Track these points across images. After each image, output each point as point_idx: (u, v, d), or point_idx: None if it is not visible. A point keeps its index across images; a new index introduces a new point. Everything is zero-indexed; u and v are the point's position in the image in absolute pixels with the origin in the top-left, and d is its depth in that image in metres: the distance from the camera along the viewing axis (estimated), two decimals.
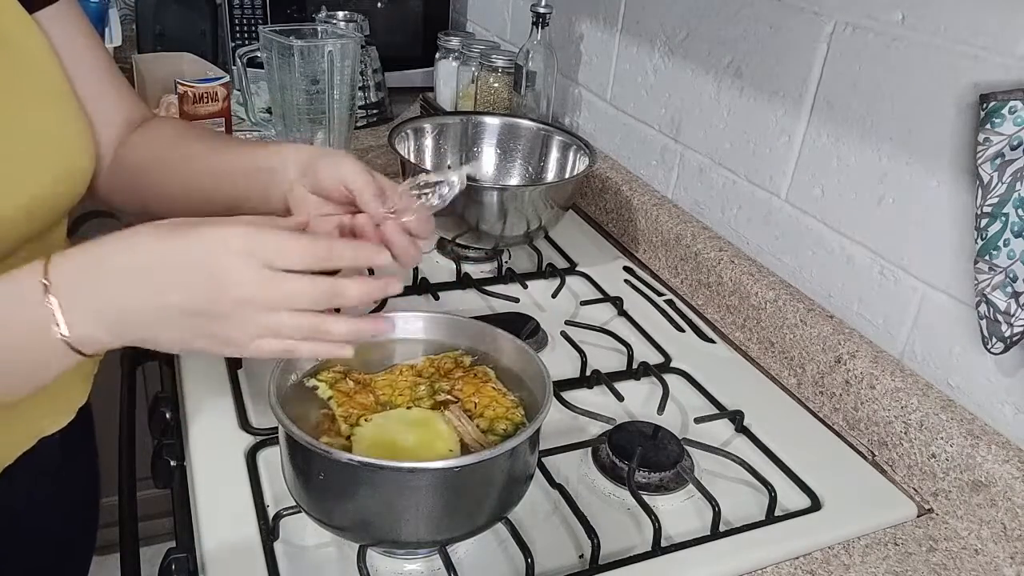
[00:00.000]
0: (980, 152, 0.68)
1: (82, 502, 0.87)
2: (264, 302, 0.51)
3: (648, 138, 1.23)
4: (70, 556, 0.87)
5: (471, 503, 0.59)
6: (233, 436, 0.76)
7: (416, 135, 1.15)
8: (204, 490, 0.70)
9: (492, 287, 1.05)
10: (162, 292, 0.50)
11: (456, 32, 1.59)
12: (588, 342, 0.93)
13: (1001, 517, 0.71)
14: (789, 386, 0.93)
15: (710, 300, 1.05)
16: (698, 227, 1.10)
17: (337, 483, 0.58)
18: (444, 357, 0.71)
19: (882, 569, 0.69)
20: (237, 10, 1.55)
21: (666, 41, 1.16)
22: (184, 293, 0.50)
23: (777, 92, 0.97)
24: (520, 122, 1.19)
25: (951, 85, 0.76)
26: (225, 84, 1.32)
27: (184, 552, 0.63)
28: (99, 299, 0.50)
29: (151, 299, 0.50)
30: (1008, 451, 0.72)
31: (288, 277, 0.51)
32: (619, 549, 0.68)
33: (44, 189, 0.64)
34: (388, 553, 0.65)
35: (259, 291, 0.50)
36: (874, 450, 0.83)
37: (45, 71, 0.66)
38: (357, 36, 1.30)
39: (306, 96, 1.25)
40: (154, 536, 0.89)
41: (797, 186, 0.96)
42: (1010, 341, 0.71)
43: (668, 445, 0.77)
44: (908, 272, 0.84)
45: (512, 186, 1.16)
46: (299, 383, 0.67)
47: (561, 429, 0.80)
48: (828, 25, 0.89)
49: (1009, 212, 0.68)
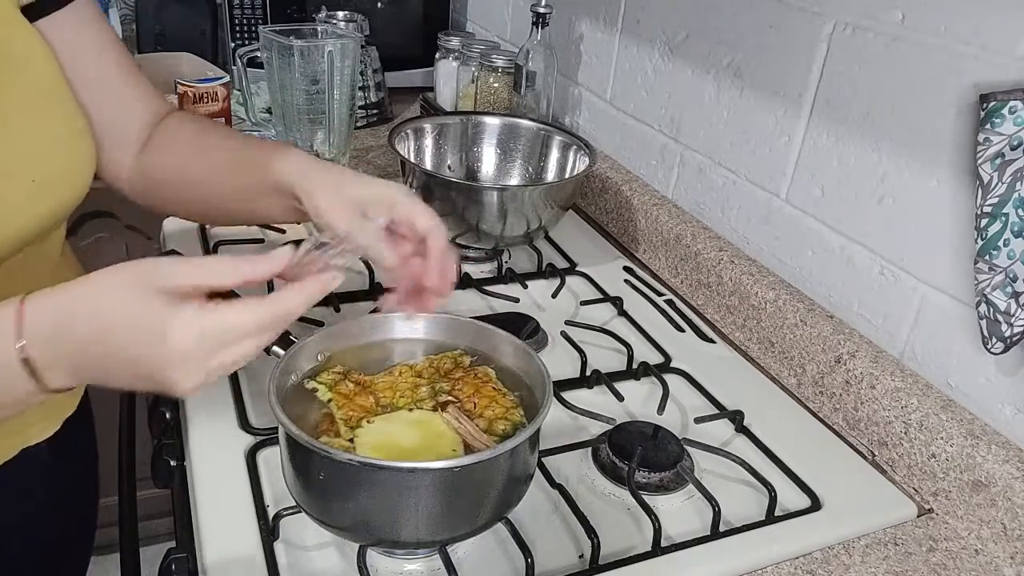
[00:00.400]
0: (980, 152, 0.68)
1: (79, 503, 0.87)
2: (204, 378, 0.53)
3: (648, 138, 1.23)
4: (67, 557, 0.87)
5: (471, 503, 0.59)
6: (233, 436, 0.76)
7: (416, 135, 1.15)
8: (204, 490, 0.70)
9: (492, 287, 1.05)
10: (119, 367, 0.52)
11: (456, 32, 1.59)
12: (588, 342, 0.93)
13: (1001, 517, 0.71)
14: (789, 386, 0.93)
15: (710, 300, 1.05)
16: (698, 227, 1.10)
17: (337, 483, 0.58)
18: (443, 357, 0.71)
19: (882, 569, 0.69)
20: (237, 10, 1.55)
21: (666, 41, 1.16)
22: (134, 379, 0.53)
23: (777, 92, 0.97)
24: (520, 122, 1.19)
25: (951, 85, 0.76)
26: (225, 84, 1.32)
27: (184, 552, 0.63)
28: (70, 359, 0.52)
29: (110, 358, 0.52)
30: (1008, 451, 0.72)
31: (237, 343, 0.53)
32: (619, 549, 0.68)
33: (39, 194, 0.64)
34: (388, 553, 0.65)
35: (201, 376, 0.52)
36: (874, 450, 0.83)
37: (39, 75, 0.66)
38: (357, 36, 1.30)
39: (306, 96, 1.25)
40: (154, 536, 0.89)
41: (797, 186, 0.96)
42: (1010, 341, 0.71)
43: (668, 445, 0.77)
44: (908, 272, 0.84)
45: (512, 186, 1.16)
46: (299, 383, 0.67)
47: (561, 429, 0.80)
48: (828, 25, 0.89)
49: (1009, 212, 0.68)
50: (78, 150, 0.68)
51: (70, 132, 0.67)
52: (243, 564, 0.63)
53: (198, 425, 0.77)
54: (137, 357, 0.51)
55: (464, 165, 1.20)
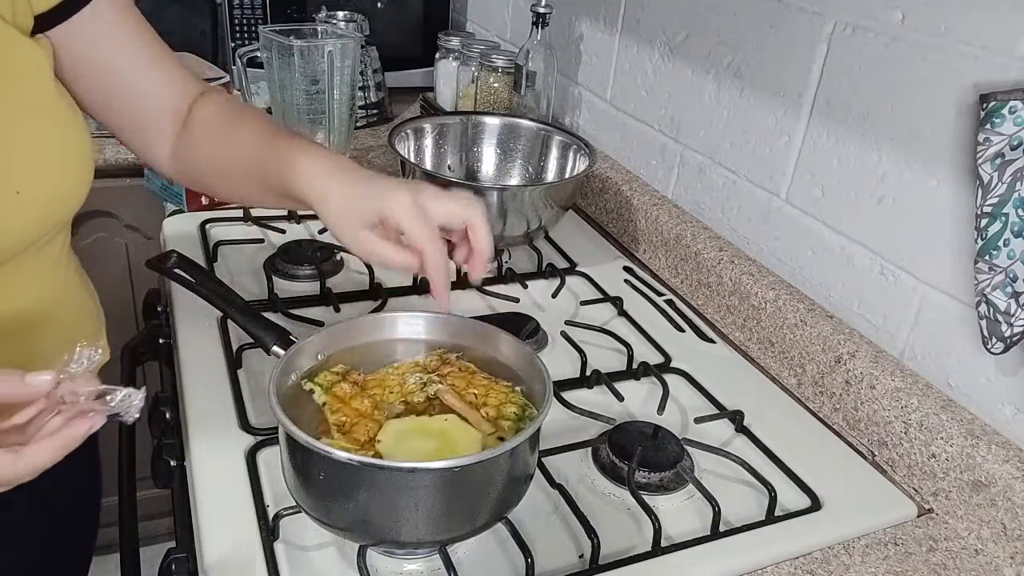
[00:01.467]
0: (980, 152, 0.68)
1: (82, 503, 0.87)
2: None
3: (648, 138, 1.23)
4: (70, 556, 0.87)
5: (471, 503, 0.59)
6: (233, 436, 0.76)
7: (416, 135, 1.15)
8: (204, 490, 0.70)
9: (492, 287, 1.05)
10: None
11: (456, 32, 1.59)
12: (588, 342, 0.93)
13: (1001, 517, 0.71)
14: (789, 386, 0.93)
15: (710, 300, 1.05)
16: (698, 227, 1.10)
17: (337, 483, 0.58)
18: (429, 356, 0.71)
19: (882, 569, 0.69)
20: (237, 10, 1.55)
21: (666, 41, 1.16)
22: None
23: (777, 92, 0.97)
24: (520, 122, 1.19)
25: (951, 85, 0.76)
26: (225, 84, 1.32)
27: (184, 552, 0.63)
28: None
29: None
30: (1008, 451, 0.72)
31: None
32: (619, 549, 0.68)
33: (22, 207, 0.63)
34: (388, 553, 0.65)
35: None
36: (874, 450, 0.83)
37: (29, 90, 0.65)
38: (357, 36, 1.30)
39: (306, 96, 1.25)
40: (154, 536, 0.89)
41: (797, 186, 0.96)
42: (1010, 341, 0.71)
43: (668, 445, 0.77)
44: (908, 272, 0.84)
45: (512, 186, 1.16)
46: (298, 383, 0.67)
47: (561, 429, 0.80)
48: (828, 25, 0.89)
49: (1009, 212, 0.68)
50: (68, 165, 0.67)
51: (60, 147, 0.67)
52: (243, 564, 0.63)
53: (198, 425, 0.77)
54: None
55: (464, 165, 1.20)
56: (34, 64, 0.66)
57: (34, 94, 0.65)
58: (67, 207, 0.69)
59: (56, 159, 0.66)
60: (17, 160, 0.63)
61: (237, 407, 0.79)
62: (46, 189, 0.65)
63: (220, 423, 0.77)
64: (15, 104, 0.64)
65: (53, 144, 0.66)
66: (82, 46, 0.69)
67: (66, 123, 0.68)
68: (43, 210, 0.66)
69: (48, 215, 0.66)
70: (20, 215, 0.63)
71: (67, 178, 0.67)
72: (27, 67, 0.65)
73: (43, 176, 0.65)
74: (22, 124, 0.64)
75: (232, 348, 0.86)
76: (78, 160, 0.68)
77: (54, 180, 0.66)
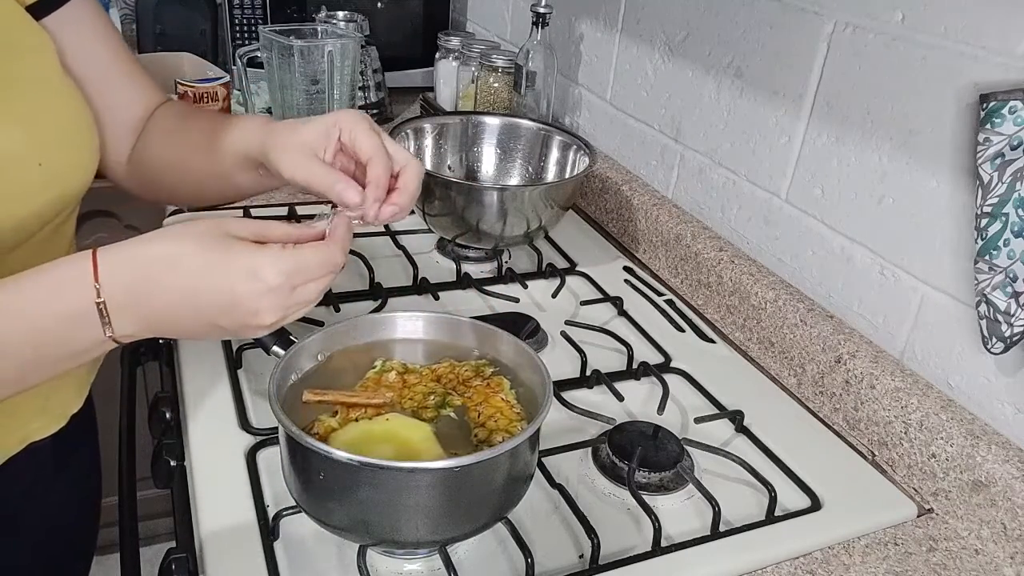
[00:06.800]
0: (980, 152, 0.68)
1: (82, 503, 0.87)
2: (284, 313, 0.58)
3: (648, 138, 1.23)
4: (71, 556, 0.87)
5: (471, 503, 0.59)
6: (233, 436, 0.76)
7: (416, 135, 1.15)
8: (204, 490, 0.70)
9: (492, 287, 1.05)
10: (200, 311, 0.56)
11: (456, 32, 1.59)
12: (588, 342, 0.93)
13: (1001, 517, 0.71)
14: (789, 386, 0.93)
15: (710, 300, 1.05)
16: (698, 227, 1.10)
17: (337, 483, 0.58)
18: (465, 365, 0.70)
19: (882, 569, 0.69)
20: (237, 10, 1.55)
21: (666, 41, 1.16)
22: (219, 316, 0.56)
23: (777, 92, 0.97)
24: (520, 122, 1.19)
25: (951, 85, 0.76)
26: (225, 84, 1.32)
27: (184, 552, 0.63)
28: (145, 310, 0.55)
29: (189, 315, 0.56)
30: (1008, 451, 0.72)
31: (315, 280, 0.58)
32: (619, 549, 0.68)
33: (47, 179, 0.64)
34: (388, 553, 0.65)
35: (283, 311, 0.57)
36: (874, 450, 0.83)
37: (45, 67, 0.67)
38: (357, 36, 1.30)
39: (306, 96, 1.25)
40: (154, 536, 0.89)
41: (797, 186, 0.96)
42: (1010, 341, 0.71)
43: (668, 445, 0.77)
44: (908, 272, 0.84)
45: (512, 186, 1.16)
46: (297, 384, 0.67)
47: (561, 429, 0.80)
48: (828, 25, 0.89)
49: (1009, 212, 0.68)
50: (83, 139, 0.69)
51: (75, 122, 0.68)
52: (243, 564, 0.63)
53: (198, 425, 0.77)
54: (222, 298, 0.54)
55: (464, 165, 1.20)
56: (49, 45, 0.67)
57: (50, 70, 0.67)
58: (82, 181, 0.70)
59: (72, 133, 0.68)
60: (40, 133, 0.64)
61: (237, 407, 0.79)
62: (66, 162, 0.66)
63: (220, 423, 0.77)
64: (35, 81, 0.65)
65: (70, 120, 0.68)
66: (61, 43, 0.70)
67: (77, 99, 0.69)
68: (62, 184, 0.67)
69: (65, 190, 0.67)
70: (42, 188, 0.64)
71: (82, 152, 0.69)
72: (42, 46, 0.67)
73: (63, 150, 0.66)
74: (42, 100, 0.65)
75: (232, 348, 0.86)
76: (89, 134, 0.70)
77: (72, 154, 0.67)
